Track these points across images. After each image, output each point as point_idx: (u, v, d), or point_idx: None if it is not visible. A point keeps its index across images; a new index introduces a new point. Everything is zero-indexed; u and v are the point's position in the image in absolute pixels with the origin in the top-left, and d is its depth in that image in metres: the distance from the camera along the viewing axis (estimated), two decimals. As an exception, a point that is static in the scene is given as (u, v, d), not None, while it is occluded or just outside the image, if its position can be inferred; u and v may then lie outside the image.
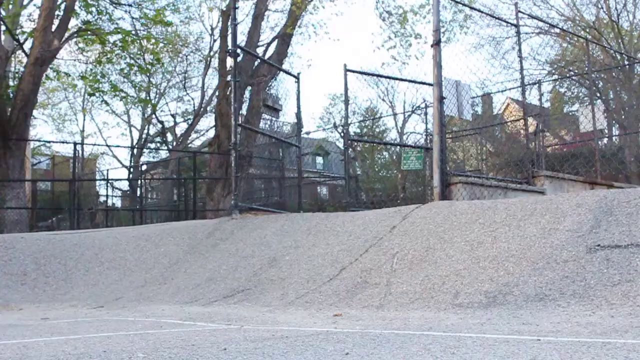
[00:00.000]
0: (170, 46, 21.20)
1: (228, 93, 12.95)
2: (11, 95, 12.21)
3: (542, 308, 3.71)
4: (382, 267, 5.10)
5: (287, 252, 6.13)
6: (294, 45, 19.69)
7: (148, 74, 20.32)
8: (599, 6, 20.29)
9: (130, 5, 14.73)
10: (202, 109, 26.71)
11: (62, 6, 12.58)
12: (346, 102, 9.64)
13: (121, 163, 29.94)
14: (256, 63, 13.58)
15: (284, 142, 10.74)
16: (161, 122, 28.30)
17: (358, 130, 27.19)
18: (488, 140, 14.42)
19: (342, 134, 26.61)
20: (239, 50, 9.13)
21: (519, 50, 9.14)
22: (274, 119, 10.27)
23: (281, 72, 11.09)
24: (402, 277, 4.83)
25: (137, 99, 22.43)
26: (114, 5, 14.45)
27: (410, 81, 10.19)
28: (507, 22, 11.72)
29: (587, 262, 4.09)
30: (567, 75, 18.42)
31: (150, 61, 15.97)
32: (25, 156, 12.41)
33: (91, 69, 16.44)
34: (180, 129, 29.39)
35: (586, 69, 14.21)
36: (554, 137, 15.53)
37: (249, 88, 13.40)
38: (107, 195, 20.22)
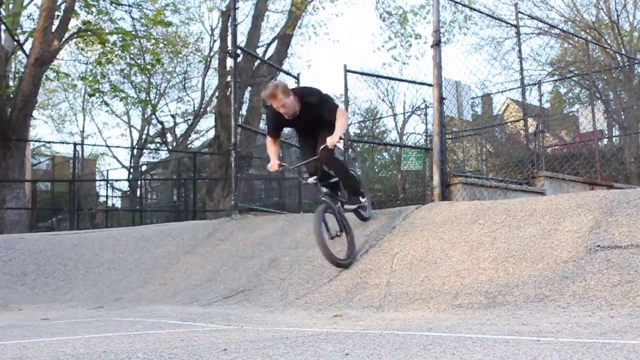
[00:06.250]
0: (170, 47, 21.19)
1: (228, 93, 12.95)
2: (11, 95, 12.20)
3: (542, 308, 3.71)
4: (382, 268, 5.10)
5: (287, 253, 6.13)
6: (294, 46, 19.62)
7: (148, 75, 20.30)
8: (599, 7, 20.29)
9: (130, 6, 14.72)
10: (202, 110, 26.68)
11: (62, 6, 12.57)
12: (346, 102, 9.64)
13: (121, 163, 29.89)
14: (256, 63, 13.59)
15: (283, 142, 10.73)
16: (161, 123, 28.26)
17: (358, 131, 27.15)
18: (488, 141, 14.43)
19: (341, 135, 26.49)
20: (238, 51, 9.14)
21: (519, 50, 9.14)
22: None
23: (281, 73, 11.09)
24: (402, 277, 4.83)
25: (137, 100, 22.39)
26: (114, 5, 14.45)
27: (410, 82, 10.19)
28: (507, 23, 11.73)
29: (587, 263, 4.08)
30: (567, 76, 18.41)
31: (150, 61, 15.95)
32: (25, 157, 12.40)
33: (91, 70, 16.42)
34: (180, 129, 29.35)
35: (586, 69, 14.22)
36: (554, 138, 15.53)
37: (249, 88, 13.40)
38: (107, 196, 20.23)
